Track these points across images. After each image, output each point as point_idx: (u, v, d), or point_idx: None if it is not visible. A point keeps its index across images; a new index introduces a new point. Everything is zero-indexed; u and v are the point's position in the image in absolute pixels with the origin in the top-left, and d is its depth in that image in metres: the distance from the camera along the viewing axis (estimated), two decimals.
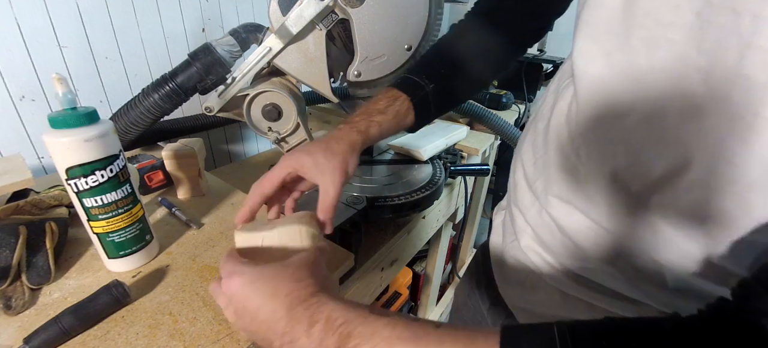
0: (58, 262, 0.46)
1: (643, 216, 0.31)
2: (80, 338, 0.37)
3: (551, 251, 0.40)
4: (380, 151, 0.82)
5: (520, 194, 0.45)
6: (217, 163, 1.04)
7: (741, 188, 0.25)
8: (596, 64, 0.32)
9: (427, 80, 0.49)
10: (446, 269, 1.44)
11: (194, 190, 0.64)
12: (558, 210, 0.38)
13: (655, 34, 0.27)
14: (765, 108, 0.23)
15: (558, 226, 0.38)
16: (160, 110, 0.66)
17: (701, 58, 0.25)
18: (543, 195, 0.41)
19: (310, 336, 0.25)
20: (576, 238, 0.37)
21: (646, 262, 0.32)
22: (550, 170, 0.40)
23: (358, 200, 0.60)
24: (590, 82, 0.33)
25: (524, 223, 0.44)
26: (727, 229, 0.26)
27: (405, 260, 0.78)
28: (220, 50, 0.65)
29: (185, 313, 0.41)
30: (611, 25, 0.30)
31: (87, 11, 0.70)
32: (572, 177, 0.37)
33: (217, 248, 0.51)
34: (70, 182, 0.39)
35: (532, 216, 0.42)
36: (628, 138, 0.30)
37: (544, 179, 0.41)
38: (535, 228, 0.42)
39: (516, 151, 0.50)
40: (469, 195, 0.95)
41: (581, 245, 0.37)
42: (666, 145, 0.28)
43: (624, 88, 0.30)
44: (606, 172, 0.33)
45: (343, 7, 0.58)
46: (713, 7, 0.24)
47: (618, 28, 0.29)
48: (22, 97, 0.66)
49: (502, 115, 1.16)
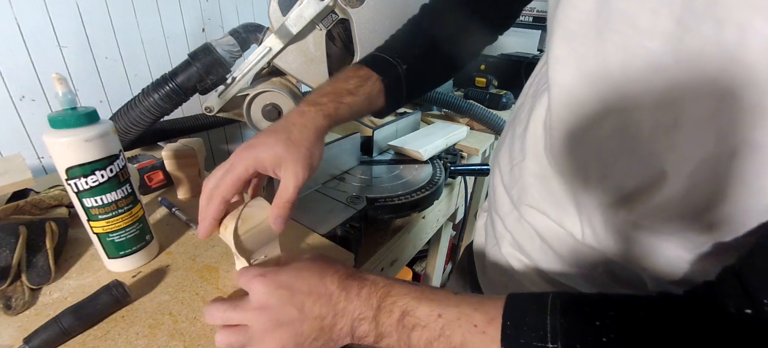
0: (58, 262, 0.46)
1: (618, 227, 0.30)
2: (80, 338, 0.37)
3: (531, 257, 0.40)
4: (380, 151, 0.82)
5: (499, 200, 0.44)
6: (217, 163, 1.04)
7: (724, 208, 0.23)
8: (569, 71, 0.30)
9: (400, 61, 0.46)
10: (446, 269, 1.44)
11: (194, 190, 0.64)
12: (534, 218, 0.38)
13: (630, 41, 0.25)
14: (754, 132, 0.21)
15: (536, 232, 0.38)
16: (160, 110, 0.66)
17: (679, 69, 0.23)
18: (519, 203, 0.40)
19: (359, 297, 0.30)
20: (553, 246, 0.36)
21: (624, 269, 0.32)
22: (525, 178, 0.38)
23: (358, 200, 0.60)
24: (562, 89, 0.31)
25: (504, 229, 0.43)
26: (708, 237, 0.26)
27: (405, 260, 0.78)
28: (220, 50, 0.65)
29: (185, 313, 0.41)
30: (584, 27, 0.28)
31: (87, 11, 0.70)
32: (545, 187, 0.36)
33: (217, 248, 0.51)
34: (70, 182, 0.39)
35: (511, 222, 0.41)
36: (600, 149, 0.29)
37: (519, 187, 0.40)
38: (514, 234, 0.41)
39: (493, 155, 0.49)
40: (469, 195, 0.95)
41: (559, 253, 0.36)
42: (639, 158, 0.27)
43: (597, 98, 0.28)
44: (578, 183, 0.32)
45: (343, 7, 0.58)
46: (694, 13, 0.22)
47: (591, 31, 0.27)
48: (22, 97, 0.66)
49: (502, 115, 1.16)
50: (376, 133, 0.79)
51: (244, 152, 0.37)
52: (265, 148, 0.36)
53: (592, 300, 0.26)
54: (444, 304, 0.29)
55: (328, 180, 0.68)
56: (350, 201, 0.60)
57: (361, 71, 0.45)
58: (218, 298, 0.34)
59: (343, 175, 0.70)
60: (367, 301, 0.30)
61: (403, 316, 0.29)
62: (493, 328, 0.26)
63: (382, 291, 0.30)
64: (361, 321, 0.30)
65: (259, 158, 0.36)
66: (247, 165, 0.36)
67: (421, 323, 0.28)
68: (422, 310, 0.29)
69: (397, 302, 0.29)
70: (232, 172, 0.36)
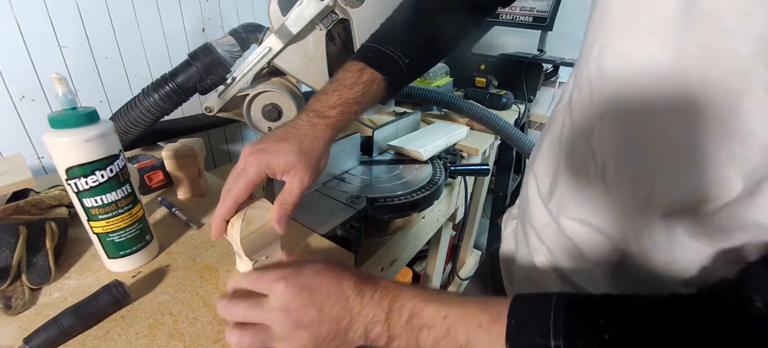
0: (58, 262, 0.46)
1: (667, 236, 0.29)
2: (80, 338, 0.37)
3: (567, 272, 0.38)
4: (380, 151, 0.82)
5: (534, 210, 0.41)
6: (217, 163, 1.04)
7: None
8: (633, 67, 0.28)
9: (401, 55, 0.46)
10: (446, 269, 1.44)
11: (194, 190, 0.64)
12: (573, 230, 0.36)
13: (714, 42, 0.23)
14: None
15: (576, 246, 0.36)
16: (160, 110, 0.66)
17: (764, 80, 0.21)
18: (558, 216, 0.37)
19: (372, 300, 0.31)
20: (592, 258, 0.35)
21: (666, 283, 0.30)
22: (567, 190, 0.36)
23: (358, 200, 0.60)
24: (621, 86, 0.29)
25: (538, 242, 0.41)
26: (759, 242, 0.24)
27: (405, 260, 0.78)
28: (220, 50, 0.65)
29: (185, 313, 0.41)
30: (662, 23, 0.26)
31: (87, 11, 0.70)
32: (593, 197, 0.34)
33: (217, 248, 0.51)
34: (70, 182, 0.39)
35: (548, 235, 0.39)
36: (663, 155, 0.27)
37: (559, 198, 0.38)
38: (550, 247, 0.39)
39: (529, 163, 0.47)
40: (469, 195, 0.95)
41: (597, 264, 0.35)
42: (706, 167, 0.25)
43: (666, 99, 0.26)
44: (639, 193, 0.30)
45: (343, 7, 0.58)
46: None
47: (671, 28, 0.25)
48: (22, 97, 0.66)
49: (502, 115, 1.16)
50: (376, 133, 0.79)
51: (257, 157, 0.38)
52: (278, 156, 0.38)
53: (596, 298, 0.26)
54: (449, 305, 0.29)
55: (328, 180, 0.68)
56: (350, 201, 0.60)
57: (365, 76, 0.45)
58: (233, 292, 0.35)
59: (343, 175, 0.70)
60: (379, 305, 0.31)
61: (411, 317, 0.30)
62: (498, 327, 0.27)
63: (392, 294, 0.32)
64: (375, 324, 0.31)
65: (271, 165, 0.38)
66: (260, 170, 0.38)
67: (428, 324, 0.29)
68: (429, 312, 0.30)
69: (405, 305, 0.31)
70: (245, 176, 0.37)
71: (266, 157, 0.38)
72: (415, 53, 0.47)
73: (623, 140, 0.30)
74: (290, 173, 0.38)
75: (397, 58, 0.46)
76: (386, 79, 0.45)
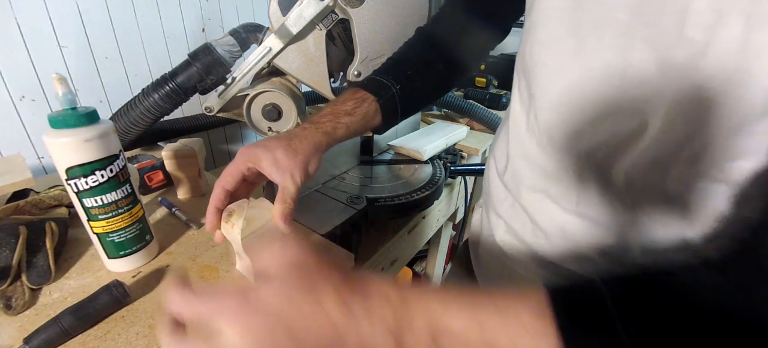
0: (58, 262, 0.46)
1: (610, 194, 0.32)
2: (80, 338, 0.37)
3: (524, 241, 0.41)
4: (380, 151, 0.82)
5: (493, 190, 0.46)
6: (217, 163, 1.04)
7: (700, 136, 0.26)
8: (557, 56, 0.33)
9: (393, 81, 0.50)
10: (446, 269, 1.43)
11: (194, 190, 0.64)
12: (528, 200, 0.40)
13: (602, 20, 0.28)
14: None
15: (529, 216, 0.40)
16: (160, 110, 0.66)
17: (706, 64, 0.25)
18: (513, 187, 0.42)
19: (368, 315, 0.24)
20: (545, 228, 0.38)
21: (614, 243, 0.33)
22: (517, 160, 0.41)
23: (358, 200, 0.60)
24: (551, 70, 0.34)
25: (497, 218, 0.45)
26: (694, 176, 0.27)
27: (405, 260, 0.78)
28: (220, 50, 0.65)
29: None
30: (557, 13, 0.31)
31: (87, 11, 0.70)
32: (537, 163, 0.38)
33: (217, 248, 0.51)
34: (70, 182, 0.39)
35: (505, 209, 0.43)
36: (589, 113, 0.32)
37: (511, 170, 0.42)
38: (507, 220, 0.43)
39: (489, 150, 0.52)
40: (469, 195, 0.95)
41: (550, 233, 0.38)
42: (625, 112, 0.29)
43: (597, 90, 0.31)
44: (571, 152, 0.34)
45: (343, 7, 0.58)
46: None
47: (571, 22, 0.31)
48: (22, 97, 0.66)
49: (502, 115, 1.16)
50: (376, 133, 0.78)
51: (245, 150, 0.40)
52: (264, 150, 0.39)
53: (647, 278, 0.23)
54: (477, 307, 0.24)
55: (328, 180, 0.68)
56: (350, 201, 0.60)
57: (357, 94, 0.48)
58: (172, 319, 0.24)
59: (343, 175, 0.70)
60: (380, 322, 0.23)
61: (436, 336, 0.23)
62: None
63: (394, 304, 0.24)
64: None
65: (257, 156, 0.39)
66: (245, 160, 0.39)
67: (462, 342, 0.23)
68: (457, 324, 0.23)
69: (418, 318, 0.24)
70: (233, 165, 0.39)
71: (254, 150, 0.39)
72: (405, 82, 0.51)
73: (552, 108, 0.34)
74: (279, 171, 0.38)
75: (389, 84, 0.49)
76: (378, 100, 0.48)
